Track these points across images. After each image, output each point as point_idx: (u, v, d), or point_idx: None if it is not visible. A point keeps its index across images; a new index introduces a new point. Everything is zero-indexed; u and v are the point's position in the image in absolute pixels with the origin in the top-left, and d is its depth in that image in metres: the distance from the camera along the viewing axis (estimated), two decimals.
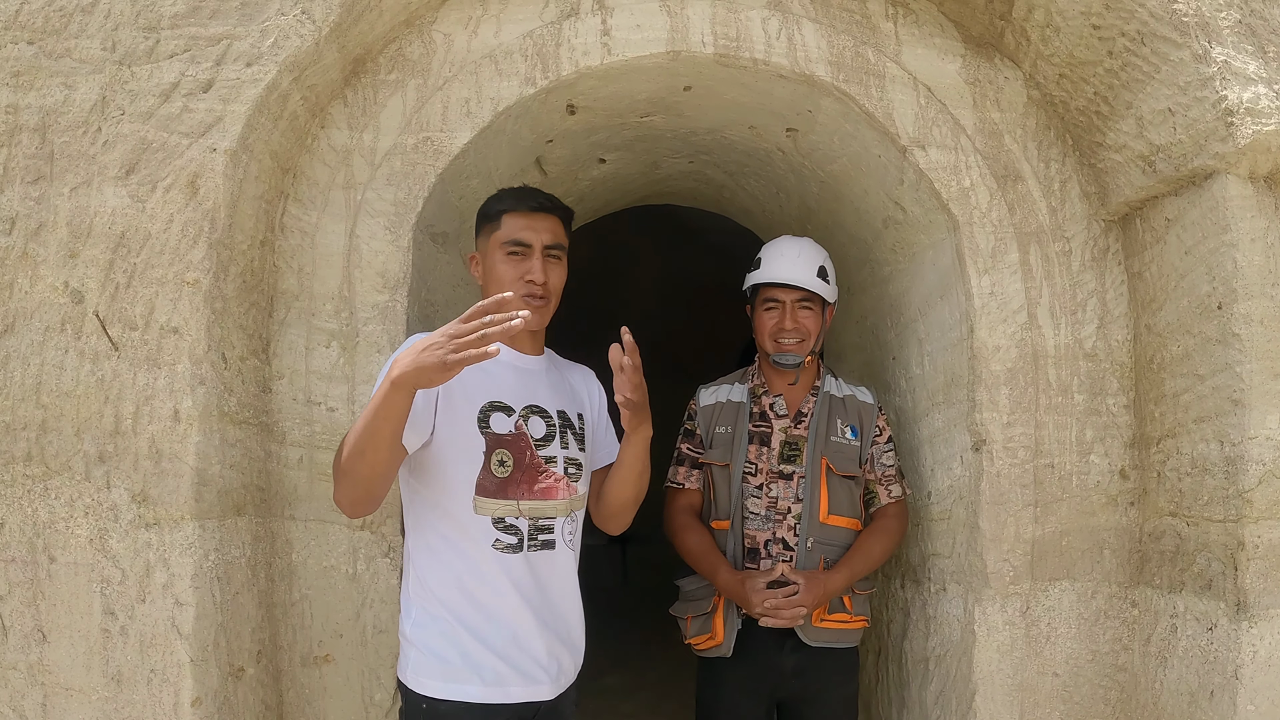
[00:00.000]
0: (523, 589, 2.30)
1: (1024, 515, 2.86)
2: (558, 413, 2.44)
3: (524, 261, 2.40)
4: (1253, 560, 2.47)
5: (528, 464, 2.35)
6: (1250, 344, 2.47)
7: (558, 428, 2.42)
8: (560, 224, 2.48)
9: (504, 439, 2.32)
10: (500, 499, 2.31)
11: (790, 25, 2.87)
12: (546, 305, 2.43)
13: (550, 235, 2.43)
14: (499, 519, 2.30)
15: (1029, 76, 2.93)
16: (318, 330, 2.72)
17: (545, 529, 2.36)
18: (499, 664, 2.26)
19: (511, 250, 2.40)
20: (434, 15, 2.81)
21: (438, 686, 2.25)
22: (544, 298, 2.41)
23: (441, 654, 2.26)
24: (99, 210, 2.41)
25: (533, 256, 2.40)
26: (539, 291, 2.39)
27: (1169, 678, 2.70)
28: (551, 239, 2.43)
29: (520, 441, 2.34)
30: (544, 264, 2.41)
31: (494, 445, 2.31)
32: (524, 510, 2.32)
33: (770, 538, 2.96)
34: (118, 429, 2.38)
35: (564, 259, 2.49)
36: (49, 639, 2.37)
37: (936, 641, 3.11)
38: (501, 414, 2.34)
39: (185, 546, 2.37)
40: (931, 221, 3.05)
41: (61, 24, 2.44)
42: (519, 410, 2.36)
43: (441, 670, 2.25)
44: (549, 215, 2.45)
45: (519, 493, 2.33)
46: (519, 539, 2.32)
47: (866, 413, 3.09)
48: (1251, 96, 2.43)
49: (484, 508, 2.29)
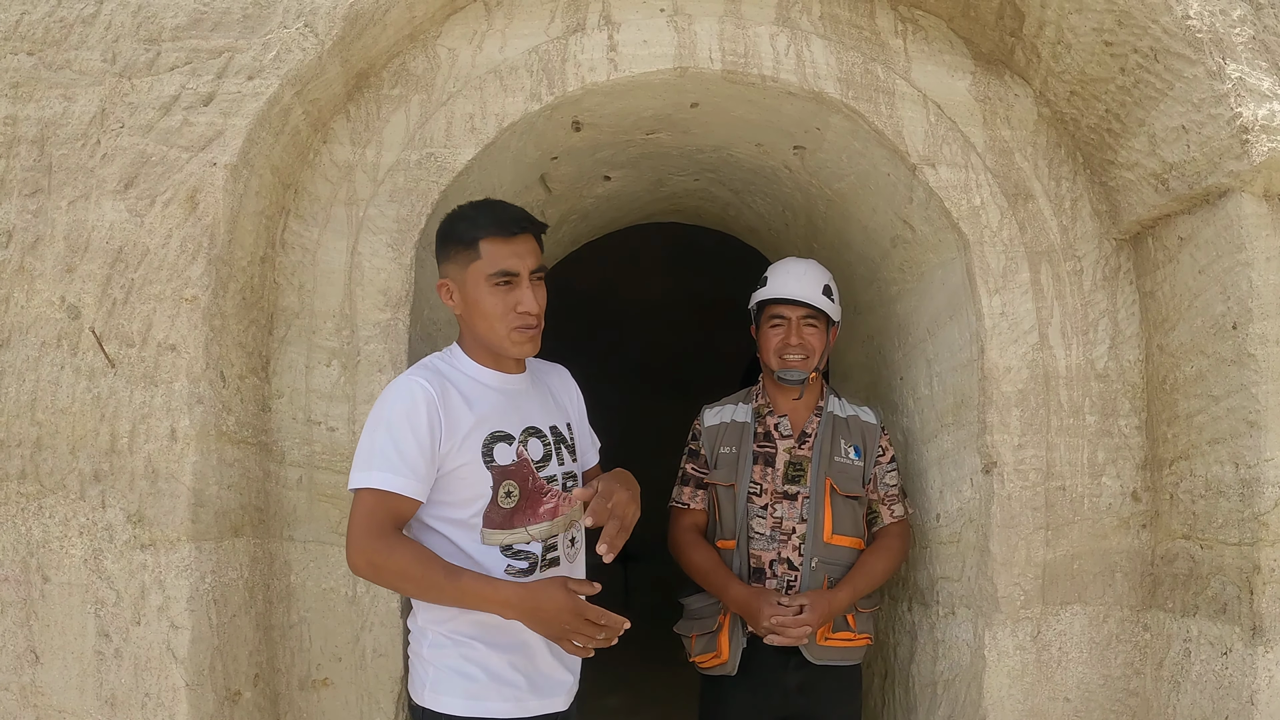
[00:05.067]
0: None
1: (1035, 538, 2.82)
2: (551, 429, 2.41)
3: (513, 291, 2.28)
4: (1269, 584, 2.43)
5: (531, 489, 2.32)
6: (1266, 364, 2.44)
7: (553, 445, 2.40)
8: (537, 242, 2.37)
9: (509, 470, 2.29)
10: (508, 529, 2.29)
11: (799, 42, 2.85)
12: (539, 330, 2.35)
13: (534, 258, 2.32)
14: (507, 547, 2.28)
15: (1039, 94, 2.90)
16: (318, 348, 2.69)
17: (552, 547, 2.35)
18: (518, 678, 2.27)
19: (499, 282, 2.27)
20: (438, 30, 2.79)
21: (460, 705, 2.24)
22: (538, 326, 2.33)
23: (464, 672, 2.25)
24: (97, 224, 2.38)
25: (521, 285, 2.29)
26: (533, 322, 2.31)
27: (1182, 703, 2.66)
28: (535, 262, 2.32)
29: (523, 469, 2.31)
30: (533, 290, 2.31)
31: (500, 478, 2.27)
32: (535, 534, 2.30)
33: (775, 557, 2.97)
34: (113, 447, 2.35)
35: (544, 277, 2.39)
36: (42, 660, 2.33)
37: (945, 666, 3.08)
38: (503, 444, 2.30)
39: (181, 568, 2.33)
40: (941, 240, 3.02)
41: (62, 35, 2.41)
42: (518, 436, 2.32)
43: (464, 688, 2.24)
44: (529, 237, 2.33)
45: (525, 519, 2.30)
46: (530, 563, 2.30)
47: (870, 433, 3.10)
48: (1267, 113, 2.40)
49: (492, 539, 2.27)
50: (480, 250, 2.27)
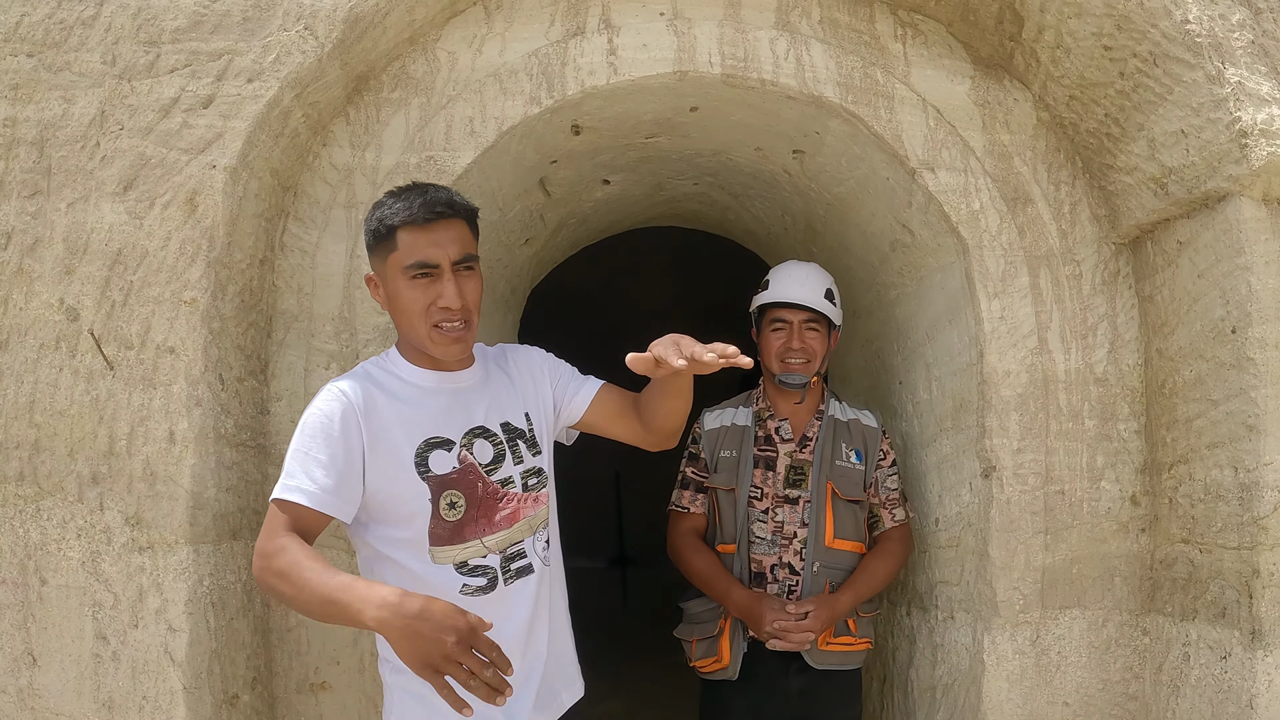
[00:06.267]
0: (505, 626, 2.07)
1: (1034, 543, 2.82)
2: (503, 426, 2.20)
3: (433, 284, 2.06)
4: (1268, 588, 2.43)
5: (482, 496, 2.12)
6: (1265, 368, 2.44)
7: (505, 444, 2.19)
8: (466, 227, 2.12)
9: (448, 479, 2.08)
10: (458, 544, 2.09)
11: (799, 46, 2.85)
12: (469, 329, 2.12)
13: (458, 247, 2.07)
14: (461, 563, 2.09)
15: (1039, 98, 2.90)
16: (317, 351, 2.69)
17: (518, 555, 2.16)
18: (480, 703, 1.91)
19: (416, 274, 2.05)
20: (438, 33, 2.79)
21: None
22: (465, 321, 2.10)
23: (422, 695, 2.03)
24: (96, 226, 2.38)
25: (442, 278, 2.06)
26: (456, 317, 2.08)
27: (1181, 707, 2.66)
28: (460, 251, 2.07)
29: (468, 475, 2.11)
30: (457, 283, 2.07)
31: (439, 488, 2.06)
32: (491, 546, 2.12)
33: (776, 562, 2.96)
34: (112, 450, 2.34)
35: (478, 268, 2.15)
36: (39, 663, 2.32)
37: (944, 670, 3.07)
38: (440, 450, 2.09)
39: (179, 571, 2.32)
40: (940, 245, 3.02)
41: (62, 37, 2.41)
42: (459, 440, 2.12)
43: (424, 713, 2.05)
44: (451, 222, 2.08)
45: (478, 530, 2.11)
46: (489, 578, 2.11)
47: (871, 436, 3.10)
48: (1266, 118, 2.40)
49: (442, 556, 2.08)
50: (397, 240, 2.06)
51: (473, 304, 2.11)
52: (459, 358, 2.16)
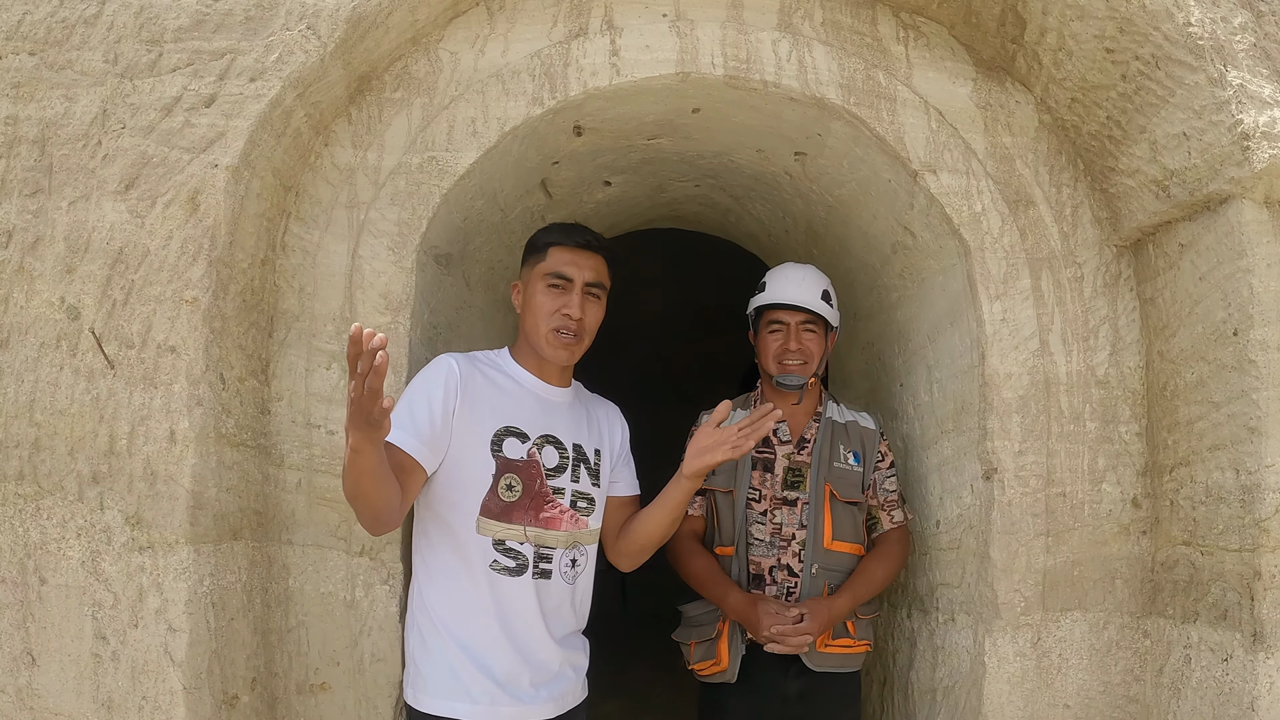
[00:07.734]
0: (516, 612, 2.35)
1: (1035, 545, 2.81)
2: (573, 445, 2.48)
3: (563, 295, 2.45)
4: (1270, 590, 2.42)
5: (536, 491, 2.38)
6: (1267, 371, 2.44)
7: (571, 460, 2.46)
8: (604, 263, 2.54)
9: (515, 464, 2.37)
10: (504, 522, 2.35)
11: (801, 48, 2.85)
12: (579, 342, 2.48)
13: (593, 273, 2.49)
14: (499, 541, 2.35)
15: (1040, 100, 2.90)
16: (318, 351, 2.68)
17: (546, 558, 2.39)
18: (488, 683, 2.30)
19: (552, 283, 2.46)
20: (441, 33, 2.79)
21: (432, 703, 2.32)
22: (577, 334, 2.46)
23: (436, 670, 2.32)
24: (97, 225, 2.38)
25: (573, 291, 2.45)
26: (573, 326, 2.45)
27: (1182, 710, 2.65)
28: (594, 276, 2.49)
29: (531, 469, 2.39)
30: (582, 300, 2.46)
31: (504, 469, 2.35)
32: (530, 536, 2.35)
33: (775, 564, 2.96)
34: (112, 449, 2.34)
35: (603, 298, 2.54)
36: (38, 662, 2.32)
37: (945, 672, 3.07)
38: (515, 439, 2.39)
39: (179, 571, 2.32)
40: (942, 247, 3.02)
41: (63, 35, 2.41)
42: (534, 438, 2.41)
43: (435, 687, 2.32)
44: (594, 254, 2.51)
45: (525, 518, 2.36)
46: (519, 564, 2.36)
47: (869, 438, 3.10)
48: (1268, 120, 2.40)
49: (486, 528, 2.34)
50: (547, 254, 2.50)
51: (590, 324, 2.50)
52: (564, 364, 2.50)
